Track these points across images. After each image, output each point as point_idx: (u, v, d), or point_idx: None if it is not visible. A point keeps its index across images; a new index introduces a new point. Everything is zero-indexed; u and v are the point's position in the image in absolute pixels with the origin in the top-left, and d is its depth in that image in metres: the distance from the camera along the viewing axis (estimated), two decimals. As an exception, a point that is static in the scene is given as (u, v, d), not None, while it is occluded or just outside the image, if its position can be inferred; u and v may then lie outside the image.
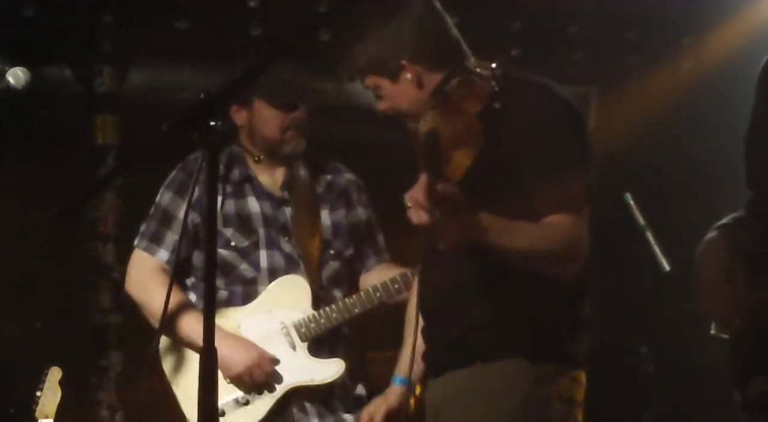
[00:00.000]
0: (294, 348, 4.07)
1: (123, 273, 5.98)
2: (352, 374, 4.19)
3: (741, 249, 3.03)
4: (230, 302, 4.11)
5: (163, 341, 4.15)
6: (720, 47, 6.46)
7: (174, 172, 4.24)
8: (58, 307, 5.89)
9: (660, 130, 6.52)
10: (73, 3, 5.81)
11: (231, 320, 4.07)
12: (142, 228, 4.25)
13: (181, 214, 4.12)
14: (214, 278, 2.60)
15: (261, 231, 4.15)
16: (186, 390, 4.04)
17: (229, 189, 4.17)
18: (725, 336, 3.18)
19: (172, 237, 4.15)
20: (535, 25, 6.44)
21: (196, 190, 3.87)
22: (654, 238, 4.67)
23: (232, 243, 4.12)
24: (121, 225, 6.05)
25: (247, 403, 4.02)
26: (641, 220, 4.72)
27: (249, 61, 2.59)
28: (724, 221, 3.12)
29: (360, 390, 4.23)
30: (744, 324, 3.00)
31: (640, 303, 5.61)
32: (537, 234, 2.91)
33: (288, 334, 4.07)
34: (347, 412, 4.14)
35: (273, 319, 4.09)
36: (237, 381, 3.99)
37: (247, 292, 4.12)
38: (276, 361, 4.04)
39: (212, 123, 2.50)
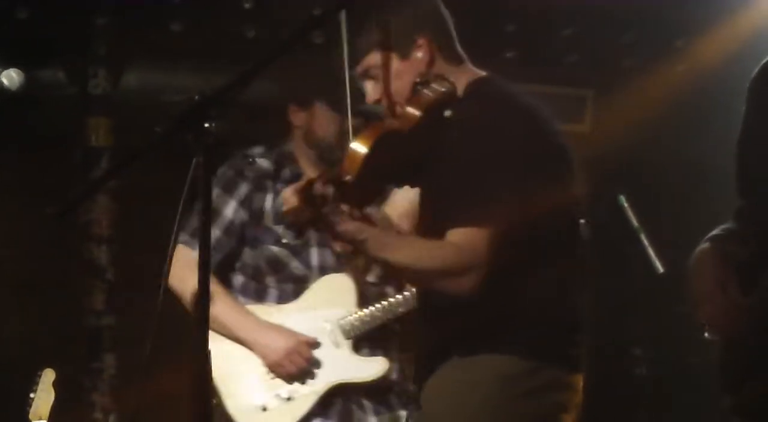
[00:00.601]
0: (337, 345, 4.07)
1: (116, 274, 6.05)
2: (405, 370, 4.20)
3: (733, 260, 3.04)
4: (281, 300, 4.11)
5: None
6: (715, 50, 6.46)
7: (222, 169, 4.22)
8: (52, 309, 5.88)
9: (655, 132, 6.52)
10: (68, 5, 5.80)
11: (275, 317, 4.06)
12: (184, 221, 4.20)
13: (227, 211, 4.11)
14: (208, 279, 2.59)
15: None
16: (228, 385, 4.03)
17: (280, 186, 4.18)
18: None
19: (214, 232, 4.12)
20: (530, 27, 6.44)
21: (245, 187, 3.90)
22: (648, 240, 4.67)
23: (284, 241, 4.11)
24: (115, 227, 6.05)
25: (289, 399, 4.02)
26: (635, 222, 4.73)
27: (244, 64, 2.59)
28: (714, 232, 3.13)
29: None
30: (738, 331, 3.00)
31: (634, 305, 5.62)
32: (423, 252, 2.97)
33: (332, 332, 4.07)
34: (403, 409, 4.16)
35: (317, 317, 4.08)
36: (276, 368, 3.96)
37: (297, 290, 4.12)
38: (316, 345, 4.02)
39: (206, 125, 2.50)
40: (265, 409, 4.00)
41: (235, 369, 4.02)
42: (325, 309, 4.08)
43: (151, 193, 5.33)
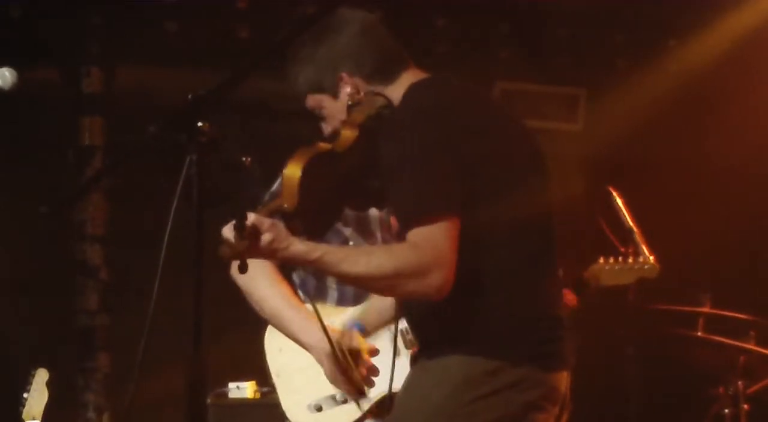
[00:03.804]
0: (397, 354, 4.02)
1: (110, 274, 6.04)
2: None
3: None
4: (341, 302, 4.07)
5: (269, 328, 4.10)
6: (707, 50, 6.49)
7: None
8: (45, 308, 5.88)
9: (648, 131, 6.54)
10: (62, 4, 5.80)
11: (337, 321, 4.04)
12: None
13: None
14: (201, 280, 2.58)
15: (378, 235, 4.11)
16: (284, 381, 4.02)
17: None
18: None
19: None
20: (524, 26, 6.45)
21: None
22: (641, 239, 4.67)
23: (350, 243, 4.07)
24: (108, 226, 6.05)
25: (345, 401, 3.99)
26: (629, 222, 4.72)
27: (237, 64, 2.59)
28: None
29: None
30: None
31: (627, 304, 5.62)
32: (381, 258, 2.94)
33: (393, 340, 4.03)
34: None
35: None
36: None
37: (358, 294, 4.07)
38: (377, 352, 3.99)
39: (200, 124, 2.50)
40: (319, 409, 3.98)
41: (292, 366, 4.01)
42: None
43: (144, 192, 5.32)
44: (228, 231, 2.82)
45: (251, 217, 2.79)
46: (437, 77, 3.18)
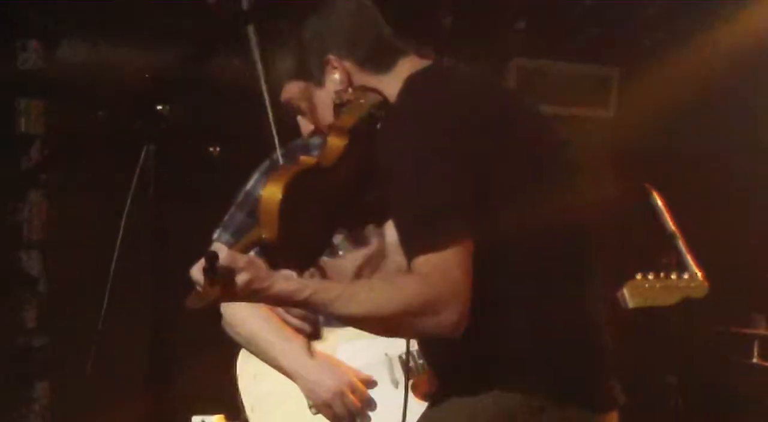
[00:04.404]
0: (396, 384, 4.02)
1: (50, 285, 6.02)
2: None
3: None
4: (328, 323, 4.06)
5: (243, 352, 4.10)
6: (758, 20, 6.47)
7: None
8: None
9: (691, 117, 6.54)
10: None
11: (328, 343, 4.02)
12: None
13: None
14: (162, 279, 2.57)
15: (374, 242, 4.09)
16: (259, 414, 4.02)
17: None
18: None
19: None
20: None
21: None
22: (685, 246, 4.67)
23: (340, 252, 4.06)
24: (48, 229, 6.03)
25: None
26: (670, 226, 4.71)
27: (201, 38, 2.58)
28: None
29: None
30: None
31: (668, 325, 5.63)
32: (384, 294, 2.91)
33: (391, 367, 4.03)
34: None
35: (376, 348, 4.01)
36: (323, 408, 3.93)
37: None
38: (373, 383, 3.99)
39: (159, 108, 2.49)
40: None
41: (270, 397, 4.01)
42: (388, 339, 4.01)
43: (92, 189, 5.30)
44: (197, 273, 2.79)
45: (223, 255, 2.74)
46: (440, 66, 3.17)
